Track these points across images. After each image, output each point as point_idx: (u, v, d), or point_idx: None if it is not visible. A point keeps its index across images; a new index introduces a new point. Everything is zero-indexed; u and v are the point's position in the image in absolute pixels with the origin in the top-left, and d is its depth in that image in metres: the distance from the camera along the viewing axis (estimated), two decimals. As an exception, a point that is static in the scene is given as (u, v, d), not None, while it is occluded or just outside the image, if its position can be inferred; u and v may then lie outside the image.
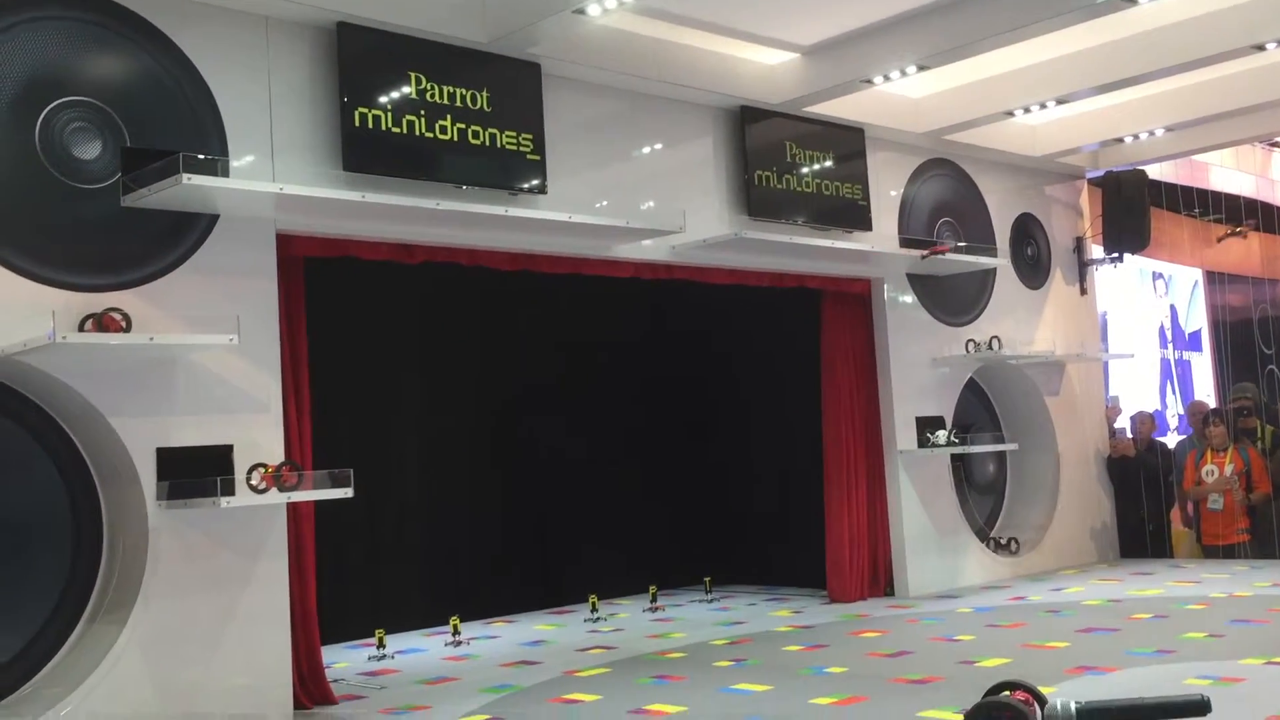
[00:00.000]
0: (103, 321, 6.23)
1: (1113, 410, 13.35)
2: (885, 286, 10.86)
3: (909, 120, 10.68)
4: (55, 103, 6.32)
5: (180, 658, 6.48)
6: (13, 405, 6.40)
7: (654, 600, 10.67)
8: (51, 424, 6.51)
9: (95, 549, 6.60)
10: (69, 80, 6.38)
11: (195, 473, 6.51)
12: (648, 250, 8.96)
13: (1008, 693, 3.05)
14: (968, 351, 11.31)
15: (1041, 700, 3.03)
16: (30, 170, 6.22)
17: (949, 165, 11.49)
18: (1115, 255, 12.98)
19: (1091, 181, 13.16)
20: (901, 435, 10.76)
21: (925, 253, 10.27)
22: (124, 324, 6.29)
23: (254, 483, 6.56)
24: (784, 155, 9.82)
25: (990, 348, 11.38)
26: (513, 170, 8.00)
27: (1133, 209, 12.67)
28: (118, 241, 6.48)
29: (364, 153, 7.32)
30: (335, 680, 7.68)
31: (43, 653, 6.36)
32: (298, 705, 6.98)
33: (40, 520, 6.42)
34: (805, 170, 9.94)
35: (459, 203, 7.47)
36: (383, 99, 7.42)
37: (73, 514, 6.55)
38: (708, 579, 11.29)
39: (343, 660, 8.65)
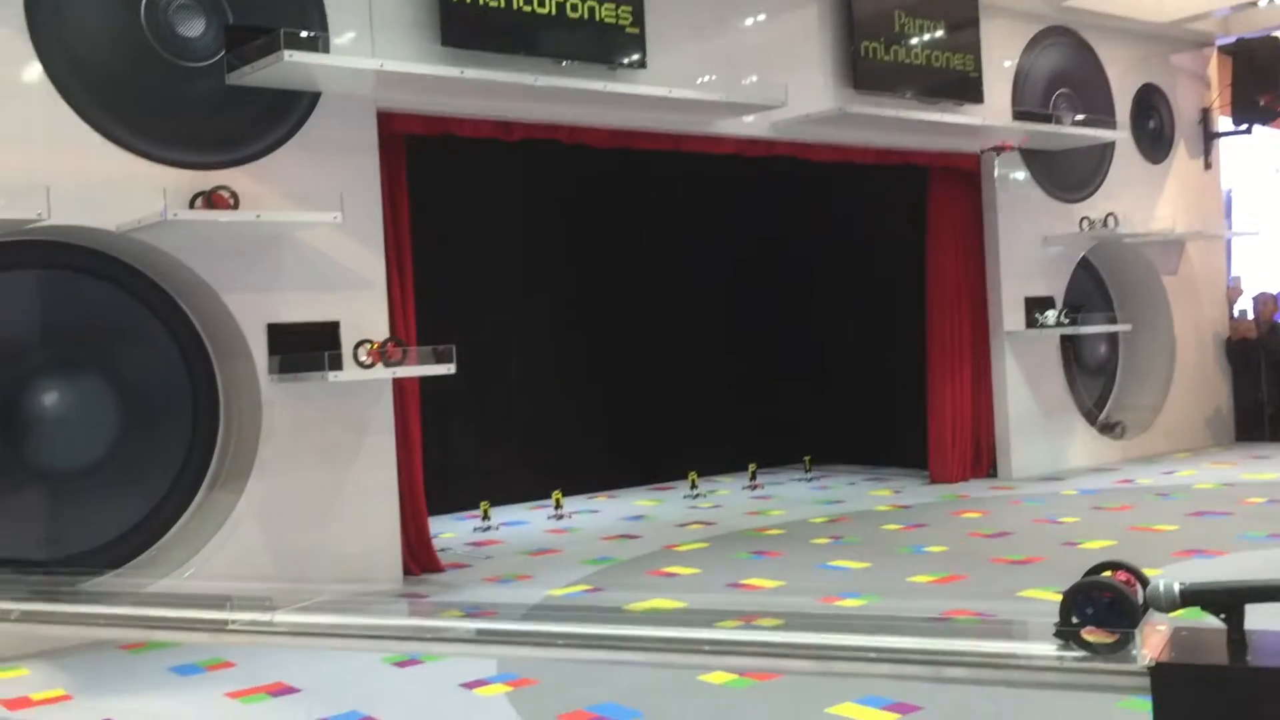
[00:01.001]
0: (212, 199, 6.36)
1: (1234, 291, 12.85)
2: (996, 162, 10.51)
3: (1025, -15, 10.19)
4: (159, -19, 6.36)
5: (294, 525, 6.75)
6: (131, 282, 6.61)
7: (753, 478, 10.75)
8: (168, 300, 6.72)
9: (213, 421, 6.86)
10: (171, -42, 6.41)
11: (304, 348, 6.68)
12: (749, 126, 8.78)
13: (1109, 573, 3.00)
14: (1081, 229, 10.96)
15: (1144, 581, 2.97)
16: (138, 49, 6.31)
17: (1067, 33, 10.96)
18: (1244, 127, 12.33)
19: (1221, 49, 12.44)
20: (1009, 315, 10.53)
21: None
22: (232, 202, 6.41)
23: (360, 359, 6.71)
24: (892, 25, 9.46)
25: (1106, 225, 11.01)
26: (612, 44, 7.85)
27: (1266, 78, 11.98)
28: (224, 119, 6.57)
29: (462, 28, 7.24)
30: (442, 550, 7.93)
31: (167, 518, 6.67)
32: (406, 572, 7.25)
33: (161, 393, 6.67)
34: (914, 40, 9.58)
35: (558, 78, 7.38)
36: (480, -28, 7.30)
37: (191, 387, 6.80)
38: (807, 458, 11.32)
39: (449, 531, 8.93)
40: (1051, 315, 10.59)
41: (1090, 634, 2.71)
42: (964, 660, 3.22)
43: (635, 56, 7.91)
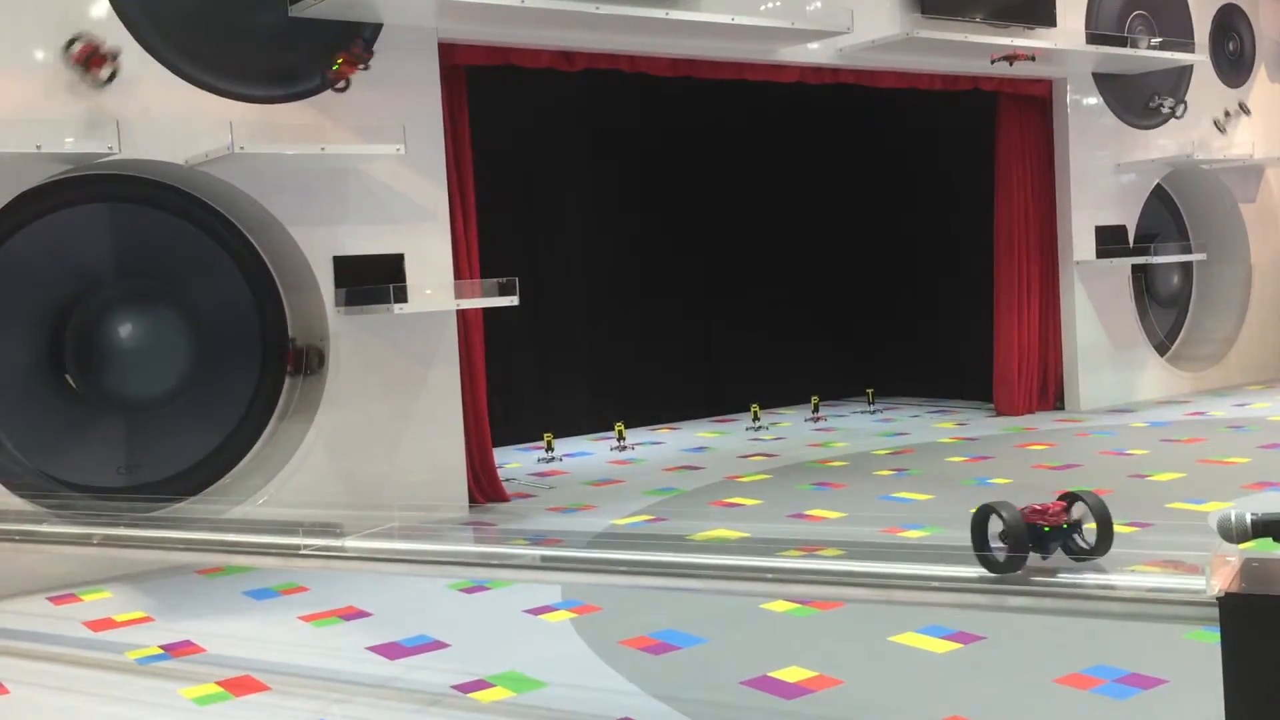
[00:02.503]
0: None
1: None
2: (1068, 88, 10.25)
3: (1103, -98, 9.83)
4: (220, -87, 6.37)
5: (363, 455, 6.87)
6: (201, 215, 6.70)
7: (816, 410, 10.73)
8: (236, 233, 6.81)
9: (282, 352, 6.97)
10: (232, -111, 6.41)
11: (369, 280, 6.74)
12: (813, 53, 8.63)
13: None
14: (1156, 156, 10.68)
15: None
16: (202, -17, 6.35)
17: (1145, -48, 10.60)
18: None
19: (1308, -34, 11.97)
20: (1079, 245, 10.33)
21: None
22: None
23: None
24: (962, -54, 9.20)
25: (1181, 152, 10.71)
26: (674, -30, 7.72)
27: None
28: (288, 53, 6.60)
29: (523, -45, 7.16)
30: (507, 480, 8.04)
31: (240, 447, 6.83)
32: (472, 501, 7.36)
33: (231, 325, 6.79)
34: (984, -38, 9.30)
35: (619, 6, 7.29)
36: (540, -102, 7.20)
37: (260, 319, 6.91)
38: (870, 390, 11.26)
39: (514, 461, 9.04)
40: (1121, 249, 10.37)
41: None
42: (1027, 590, 3.22)
43: (698, -17, 7.78)
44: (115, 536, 4.82)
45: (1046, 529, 3.00)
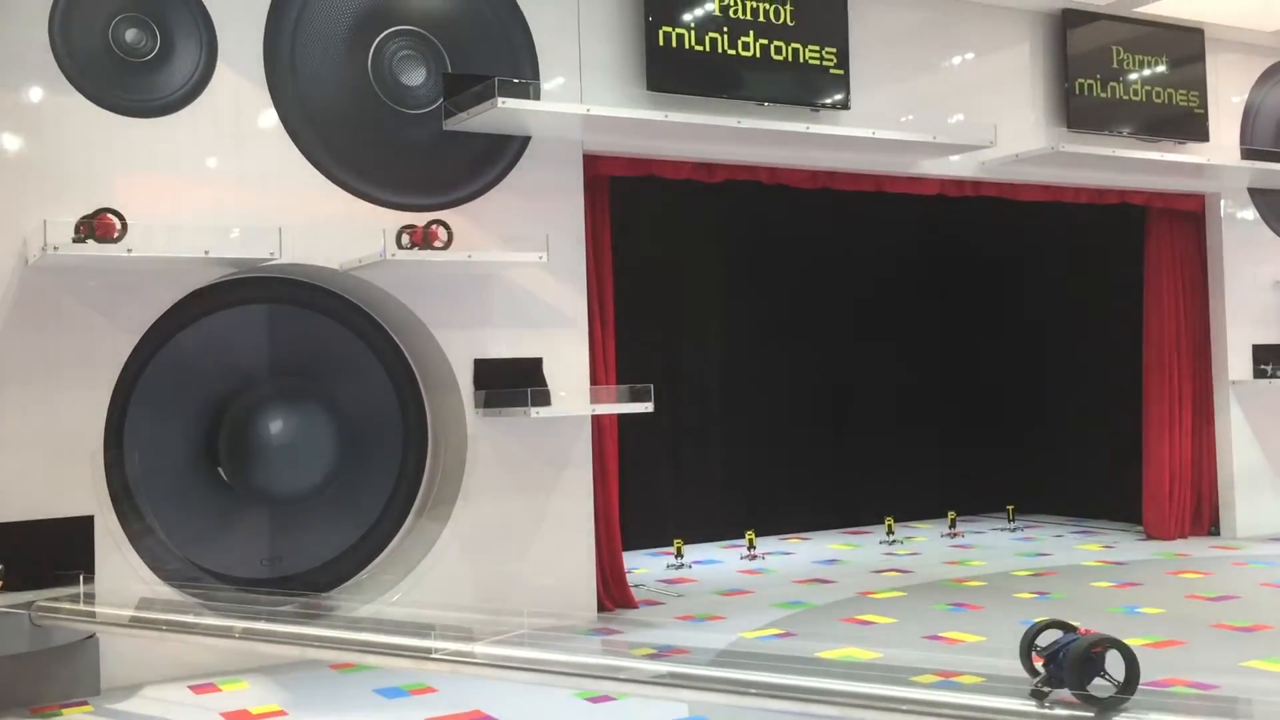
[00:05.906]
0: (428, 234, 6.60)
1: None
2: (1222, 202, 9.96)
3: (1256, 18, 9.63)
4: (385, 32, 6.73)
5: (495, 555, 6.93)
6: (351, 317, 6.96)
7: (952, 526, 10.44)
8: (384, 335, 7.05)
9: (421, 451, 7.13)
10: (397, 10, 6.76)
11: (508, 383, 6.88)
12: (955, 166, 8.60)
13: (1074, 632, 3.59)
14: (1317, 273, 10.26)
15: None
16: (364, 97, 6.68)
17: (1303, 66, 10.33)
18: None
19: None
20: (1235, 364, 9.93)
21: None
22: (444, 236, 6.62)
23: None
24: (1109, 61, 9.12)
25: (1345, 269, 10.27)
26: (815, 86, 7.84)
27: None
28: (440, 164, 6.87)
29: (667, 72, 7.37)
30: (636, 585, 7.99)
31: (377, 543, 6.96)
32: (600, 608, 7.33)
33: (375, 424, 6.98)
34: (1134, 77, 9.21)
35: (760, 120, 7.41)
36: (686, 17, 7.42)
37: (402, 419, 7.10)
38: (1010, 507, 10.91)
39: (643, 566, 8.99)
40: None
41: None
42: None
43: (838, 97, 7.87)
44: (256, 630, 4.94)
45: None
